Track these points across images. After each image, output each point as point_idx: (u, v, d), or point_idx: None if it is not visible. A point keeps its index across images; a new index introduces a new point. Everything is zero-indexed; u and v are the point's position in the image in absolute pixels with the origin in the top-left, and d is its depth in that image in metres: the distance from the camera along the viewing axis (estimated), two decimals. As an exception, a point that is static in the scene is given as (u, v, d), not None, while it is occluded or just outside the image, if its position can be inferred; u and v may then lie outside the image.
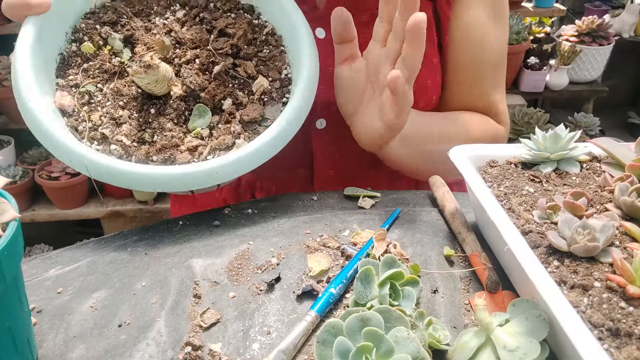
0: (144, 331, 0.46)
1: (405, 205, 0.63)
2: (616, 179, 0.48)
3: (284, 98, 0.64)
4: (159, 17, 0.64)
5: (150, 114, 0.60)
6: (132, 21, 0.61)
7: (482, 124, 0.83)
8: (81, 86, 0.58)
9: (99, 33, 0.61)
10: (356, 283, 0.46)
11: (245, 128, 0.61)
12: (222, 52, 0.62)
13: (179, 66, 0.60)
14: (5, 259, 0.36)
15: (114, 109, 0.59)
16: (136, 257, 0.55)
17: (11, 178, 1.96)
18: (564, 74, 2.33)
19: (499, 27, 0.81)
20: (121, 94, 0.59)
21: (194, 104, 0.61)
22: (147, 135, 0.59)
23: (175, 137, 0.59)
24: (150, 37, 0.61)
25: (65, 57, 0.61)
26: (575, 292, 0.38)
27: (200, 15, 0.64)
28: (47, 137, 0.55)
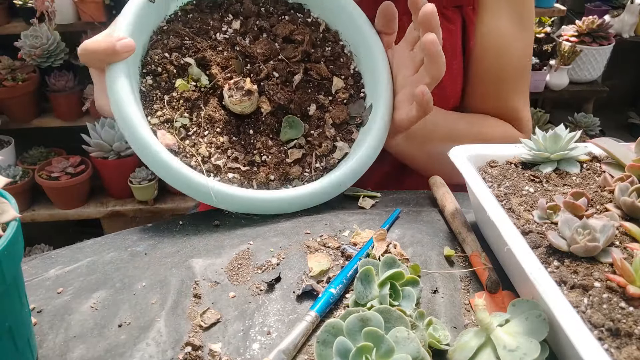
0: (144, 331, 0.46)
1: (405, 205, 0.63)
2: (616, 179, 0.48)
3: (361, 93, 0.66)
4: (218, 32, 0.63)
5: (249, 135, 0.61)
6: (196, 42, 0.61)
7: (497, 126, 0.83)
8: (174, 121, 0.58)
9: (171, 61, 0.60)
10: (356, 283, 0.46)
11: (337, 130, 0.64)
12: (295, 60, 0.64)
13: (259, 82, 0.61)
14: (5, 259, 0.36)
15: (215, 137, 0.59)
16: (136, 257, 0.55)
17: (11, 178, 1.96)
18: (564, 74, 2.33)
19: (524, 34, 0.81)
20: (214, 120, 0.59)
21: (282, 116, 0.62)
22: (257, 157, 0.60)
23: (280, 152, 0.61)
24: (219, 56, 0.61)
25: (145, 93, 0.59)
26: (575, 292, 0.38)
27: (257, 24, 0.64)
28: (172, 174, 0.55)
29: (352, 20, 0.67)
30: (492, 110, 0.85)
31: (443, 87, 0.77)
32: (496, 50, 0.80)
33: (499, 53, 0.81)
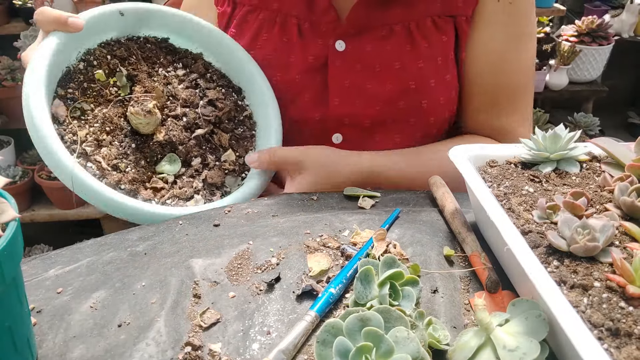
0: (144, 331, 0.46)
1: (405, 205, 0.63)
2: (616, 179, 0.48)
3: (243, 174, 0.73)
4: (162, 68, 0.71)
5: (130, 147, 0.66)
6: (139, 63, 0.68)
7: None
8: (78, 102, 0.63)
9: (108, 63, 0.67)
10: (356, 283, 0.46)
11: (205, 187, 0.69)
12: (207, 119, 0.71)
13: (167, 117, 0.68)
14: (5, 259, 0.36)
15: (100, 132, 0.64)
16: (136, 257, 0.55)
17: (11, 178, 1.96)
18: (564, 74, 2.33)
19: (522, 48, 0.79)
20: (110, 121, 0.65)
21: (168, 151, 0.68)
22: (123, 165, 0.64)
23: (144, 174, 0.66)
24: (151, 82, 0.67)
25: (70, 72, 0.65)
26: (575, 292, 0.38)
27: (197, 80, 0.72)
28: (43, 145, 0.59)
29: (267, 117, 0.76)
30: (483, 125, 0.83)
31: (437, 98, 0.77)
32: (488, 66, 0.79)
33: (491, 69, 0.79)
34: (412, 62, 0.75)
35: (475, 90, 0.81)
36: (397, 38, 0.75)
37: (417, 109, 0.77)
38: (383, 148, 0.79)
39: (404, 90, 0.75)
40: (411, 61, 0.75)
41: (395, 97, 0.76)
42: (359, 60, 0.75)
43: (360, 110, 0.77)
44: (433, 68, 0.76)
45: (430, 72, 0.76)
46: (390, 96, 0.76)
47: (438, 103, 0.78)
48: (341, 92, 0.76)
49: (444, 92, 0.78)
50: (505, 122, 0.82)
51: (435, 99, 0.77)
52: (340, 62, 0.76)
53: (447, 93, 0.78)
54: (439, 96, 0.77)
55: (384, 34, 0.75)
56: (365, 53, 0.75)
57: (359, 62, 0.76)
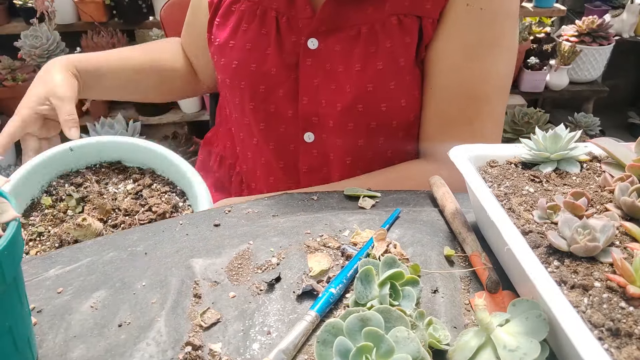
0: (144, 331, 0.46)
1: (405, 205, 0.63)
2: (616, 179, 0.48)
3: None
4: (113, 186, 0.79)
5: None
6: (92, 185, 0.78)
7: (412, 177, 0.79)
8: (35, 226, 0.71)
9: (65, 190, 0.76)
10: (356, 283, 0.46)
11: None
12: (143, 223, 0.74)
13: (111, 226, 0.72)
14: (5, 259, 0.36)
15: (50, 248, 0.69)
16: (136, 257, 0.55)
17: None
18: (564, 74, 2.33)
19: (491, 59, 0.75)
20: (60, 238, 0.69)
21: None
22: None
23: None
24: (100, 199, 0.75)
25: (34, 203, 0.74)
26: (575, 292, 0.38)
27: (142, 191, 0.78)
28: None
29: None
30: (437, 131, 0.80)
31: (397, 101, 0.76)
32: (446, 70, 0.75)
33: (449, 74, 0.75)
34: (372, 64, 0.74)
35: (430, 94, 0.78)
36: (364, 40, 0.74)
37: (376, 113, 0.76)
38: (348, 151, 0.79)
39: (362, 93, 0.75)
40: (371, 63, 0.74)
41: (353, 100, 0.75)
42: (329, 59, 0.75)
43: (325, 111, 0.77)
44: (393, 70, 0.74)
45: (390, 74, 0.74)
46: (348, 99, 0.75)
47: (399, 106, 0.76)
48: (310, 91, 0.77)
49: (405, 94, 0.76)
50: (454, 133, 0.77)
51: (395, 101, 0.76)
52: (311, 60, 0.76)
53: (409, 95, 0.76)
54: (400, 99, 0.76)
55: (353, 35, 0.75)
56: (334, 53, 0.75)
57: (328, 62, 0.76)
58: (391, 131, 0.79)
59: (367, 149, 0.79)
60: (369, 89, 0.74)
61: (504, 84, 0.78)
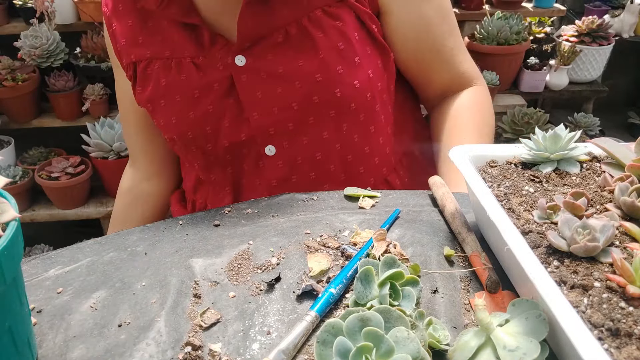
0: (144, 331, 0.46)
1: (405, 205, 0.63)
2: (616, 179, 0.48)
3: None
4: None
5: None
6: None
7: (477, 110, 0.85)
8: None
9: None
10: (356, 283, 0.46)
11: None
12: None
13: None
14: (5, 259, 0.36)
15: None
16: (136, 257, 0.55)
17: (11, 178, 1.96)
18: (564, 74, 2.33)
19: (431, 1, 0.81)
20: None
21: None
22: None
23: None
24: None
25: None
26: (575, 292, 0.38)
27: None
28: None
29: None
30: (448, 84, 0.85)
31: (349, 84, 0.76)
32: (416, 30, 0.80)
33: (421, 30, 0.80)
34: (314, 56, 0.74)
35: (412, 57, 0.82)
36: (295, 39, 0.74)
37: (332, 100, 0.76)
38: (316, 148, 0.79)
39: (313, 84, 0.74)
40: (312, 55, 0.74)
41: (307, 93, 0.75)
42: (263, 68, 0.75)
43: (280, 117, 0.76)
44: (335, 55, 0.74)
45: (333, 60, 0.74)
46: (301, 94, 0.75)
47: (353, 88, 0.76)
48: (256, 105, 0.76)
49: (357, 74, 0.76)
50: (462, 69, 0.85)
51: (347, 84, 0.75)
52: (246, 76, 0.75)
53: (361, 75, 0.77)
54: (352, 80, 0.76)
55: (280, 40, 0.74)
56: (267, 61, 0.75)
57: (263, 71, 0.75)
58: (352, 115, 0.78)
59: (334, 140, 0.79)
60: (318, 79, 0.74)
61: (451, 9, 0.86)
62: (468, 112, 0.84)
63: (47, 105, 2.05)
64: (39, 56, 1.92)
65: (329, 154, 0.80)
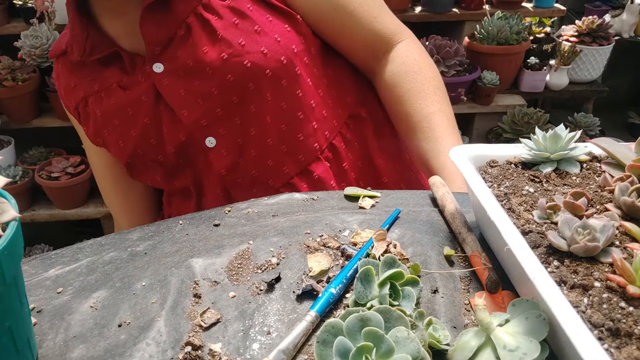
0: (144, 331, 0.46)
1: (405, 205, 0.63)
2: (616, 179, 0.48)
3: None
4: None
5: None
6: None
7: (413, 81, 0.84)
8: None
9: None
10: (356, 283, 0.46)
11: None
12: None
13: None
14: (5, 259, 0.36)
15: None
16: (136, 257, 0.55)
17: (11, 178, 1.96)
18: (564, 74, 2.33)
19: None
20: None
21: None
22: None
23: None
24: None
25: None
26: (575, 292, 0.38)
27: None
28: None
29: None
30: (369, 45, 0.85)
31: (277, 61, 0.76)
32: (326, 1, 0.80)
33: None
34: (214, 38, 0.75)
35: (317, 17, 0.82)
36: (195, 28, 0.76)
37: (245, 72, 0.76)
38: (248, 125, 0.79)
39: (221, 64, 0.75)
40: (212, 39, 0.75)
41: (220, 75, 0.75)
42: (179, 67, 0.77)
43: (206, 106, 0.77)
44: (233, 30, 0.76)
45: (232, 35, 0.76)
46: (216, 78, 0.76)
47: (262, 55, 0.76)
48: (182, 103, 0.78)
49: (261, 41, 0.76)
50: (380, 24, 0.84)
51: (254, 53, 0.76)
52: (166, 79, 0.77)
53: (266, 41, 0.77)
54: (258, 48, 0.76)
55: (183, 33, 0.76)
56: (179, 59, 0.77)
57: (180, 69, 0.77)
58: (272, 83, 0.78)
59: (262, 113, 0.79)
60: (224, 57, 0.75)
61: None
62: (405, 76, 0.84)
63: (47, 105, 2.05)
64: (39, 56, 1.92)
65: (263, 128, 0.80)
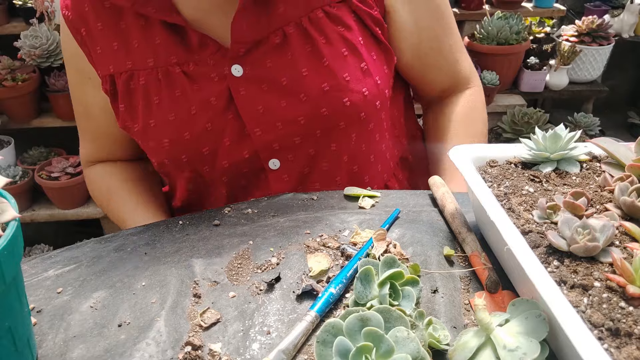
0: (144, 331, 0.46)
1: (405, 205, 0.63)
2: (616, 179, 0.48)
3: None
4: None
5: None
6: None
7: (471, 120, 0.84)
8: None
9: None
10: (356, 283, 0.46)
11: None
12: None
13: None
14: (5, 259, 0.36)
15: None
16: (136, 257, 0.55)
17: (11, 178, 1.96)
18: (564, 74, 2.33)
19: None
20: None
21: None
22: None
23: None
24: None
25: None
26: (575, 292, 0.38)
27: None
28: None
29: None
30: (448, 83, 0.84)
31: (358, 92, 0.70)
32: (419, 29, 0.77)
33: (424, 30, 0.77)
34: (318, 64, 0.68)
35: (415, 55, 0.79)
36: (294, 41, 0.68)
37: (341, 111, 0.70)
38: (321, 159, 0.73)
39: (320, 95, 0.68)
40: (316, 63, 0.68)
41: (314, 106, 0.68)
42: (263, 79, 0.68)
43: (285, 131, 0.70)
44: (341, 62, 0.69)
45: (339, 67, 0.69)
46: (308, 107, 0.68)
47: (362, 96, 0.70)
48: (258, 120, 0.69)
49: (365, 82, 0.71)
50: (459, 67, 0.84)
51: (356, 92, 0.70)
52: (244, 89, 0.68)
53: (369, 82, 0.71)
54: (360, 88, 0.70)
55: (278, 42, 0.67)
56: (267, 69, 0.68)
57: (264, 82, 0.68)
58: (361, 125, 0.73)
59: (342, 151, 0.73)
60: (325, 89, 0.68)
61: (449, 9, 0.83)
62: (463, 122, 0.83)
63: (47, 105, 2.05)
64: (39, 56, 1.92)
65: (336, 166, 0.74)
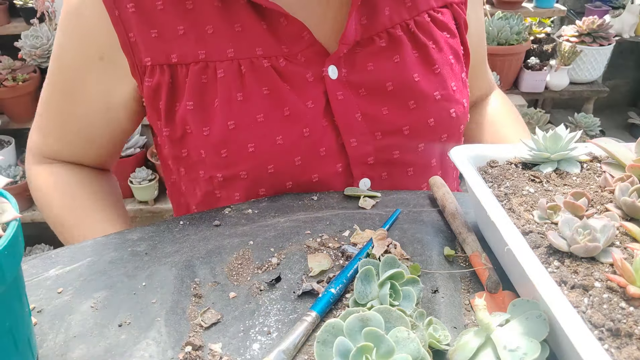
0: (144, 331, 0.46)
1: (405, 205, 0.63)
2: (616, 179, 0.48)
3: None
4: None
5: None
6: None
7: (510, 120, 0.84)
8: None
9: None
10: (356, 283, 0.46)
11: None
12: None
13: None
14: (6, 259, 0.36)
15: None
16: (136, 257, 0.55)
17: (11, 178, 1.97)
18: (565, 75, 2.33)
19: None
20: None
21: None
22: None
23: None
24: None
25: None
26: (575, 292, 0.38)
27: None
28: None
29: None
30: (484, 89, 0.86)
31: (461, 102, 0.66)
32: (479, 36, 0.79)
33: (480, 37, 0.80)
34: (429, 69, 0.63)
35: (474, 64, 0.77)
36: (400, 43, 0.62)
37: (448, 122, 0.64)
38: (419, 180, 0.66)
39: (431, 104, 0.62)
40: (427, 68, 0.63)
41: (423, 114, 0.61)
42: (362, 83, 0.61)
43: (383, 143, 0.62)
44: (449, 70, 0.65)
45: (448, 75, 0.64)
46: (417, 115, 0.61)
47: (463, 107, 0.65)
48: (354, 128, 0.61)
49: (464, 92, 0.66)
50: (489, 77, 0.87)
51: (460, 104, 0.65)
52: (342, 92, 0.60)
53: (466, 93, 0.67)
54: (462, 99, 0.66)
55: (384, 45, 0.61)
56: (368, 73, 0.61)
57: (362, 86, 0.61)
58: (457, 139, 0.66)
59: (436, 169, 0.67)
60: (437, 97, 0.62)
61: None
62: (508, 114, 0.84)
63: (48, 105, 2.05)
64: (40, 56, 1.92)
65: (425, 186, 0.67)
